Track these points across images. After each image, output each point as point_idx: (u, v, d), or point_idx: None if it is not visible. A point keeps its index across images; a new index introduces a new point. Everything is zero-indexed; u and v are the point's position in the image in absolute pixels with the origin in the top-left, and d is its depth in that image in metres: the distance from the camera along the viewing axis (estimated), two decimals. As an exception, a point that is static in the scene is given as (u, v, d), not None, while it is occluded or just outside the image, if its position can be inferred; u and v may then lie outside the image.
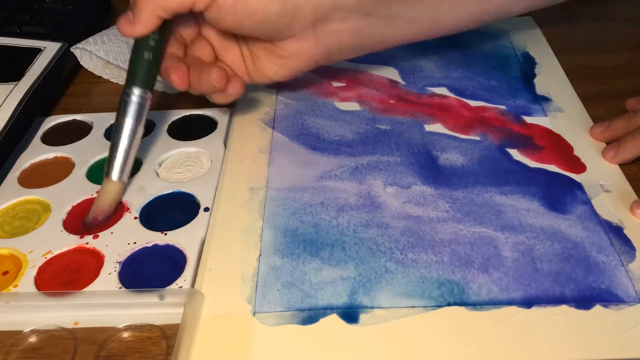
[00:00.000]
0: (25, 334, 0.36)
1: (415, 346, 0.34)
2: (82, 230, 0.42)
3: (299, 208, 0.43)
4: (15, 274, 0.39)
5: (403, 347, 0.34)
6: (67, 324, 0.36)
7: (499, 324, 0.35)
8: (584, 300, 0.36)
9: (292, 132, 0.51)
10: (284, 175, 0.46)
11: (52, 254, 0.40)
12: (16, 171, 0.48)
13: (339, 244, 0.40)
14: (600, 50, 0.58)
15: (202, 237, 0.41)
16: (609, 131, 0.49)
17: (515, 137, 0.49)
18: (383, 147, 0.48)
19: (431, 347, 0.34)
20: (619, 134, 0.48)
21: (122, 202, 0.44)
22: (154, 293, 0.36)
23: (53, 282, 0.38)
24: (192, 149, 0.49)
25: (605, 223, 0.41)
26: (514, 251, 0.39)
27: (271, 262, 0.39)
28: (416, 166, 0.47)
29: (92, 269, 0.39)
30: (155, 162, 0.48)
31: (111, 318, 0.36)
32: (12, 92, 0.52)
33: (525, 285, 0.37)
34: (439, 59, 0.60)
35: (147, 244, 0.41)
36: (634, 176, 0.45)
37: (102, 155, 0.49)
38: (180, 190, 0.45)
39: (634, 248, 0.39)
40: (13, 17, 0.63)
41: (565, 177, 0.45)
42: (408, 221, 0.42)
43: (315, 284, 0.38)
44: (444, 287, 0.37)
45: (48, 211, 0.44)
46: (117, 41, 0.61)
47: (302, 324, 0.36)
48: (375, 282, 0.38)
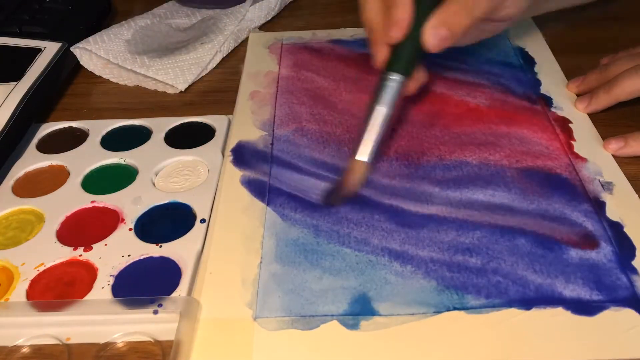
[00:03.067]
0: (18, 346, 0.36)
1: (416, 351, 0.34)
2: (324, 202, 0.44)
3: (300, 219, 0.43)
4: (7, 287, 0.38)
5: (404, 352, 0.34)
6: (60, 337, 0.36)
7: (499, 326, 0.35)
8: (583, 301, 0.36)
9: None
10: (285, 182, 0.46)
11: (44, 267, 0.40)
12: (10, 180, 0.47)
13: (340, 254, 0.40)
14: (600, 50, 0.57)
15: (198, 250, 0.40)
16: (584, 85, 0.53)
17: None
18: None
19: (431, 352, 0.34)
20: (593, 86, 0.52)
21: (117, 213, 0.43)
22: (149, 306, 0.36)
23: (45, 296, 0.38)
24: (189, 158, 0.48)
25: (605, 221, 0.41)
26: (512, 253, 0.39)
27: (272, 268, 0.39)
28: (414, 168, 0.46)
29: (86, 282, 0.39)
30: (152, 171, 0.47)
31: (106, 329, 0.36)
32: (12, 92, 0.52)
33: (525, 287, 0.37)
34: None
35: (142, 257, 0.40)
36: (634, 176, 0.45)
37: (97, 164, 0.48)
38: (177, 200, 0.44)
39: (634, 247, 0.39)
40: (13, 17, 0.62)
41: (565, 177, 0.45)
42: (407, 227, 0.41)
43: (316, 291, 0.38)
44: (443, 293, 0.37)
45: (42, 221, 0.43)
46: (117, 40, 0.61)
47: (302, 329, 0.36)
48: (375, 291, 0.37)
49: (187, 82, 0.58)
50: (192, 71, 0.59)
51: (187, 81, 0.58)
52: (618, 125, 0.50)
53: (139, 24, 0.64)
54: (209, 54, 0.61)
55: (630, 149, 0.47)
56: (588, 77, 0.53)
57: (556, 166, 0.46)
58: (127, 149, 0.50)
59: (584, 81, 0.53)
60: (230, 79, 0.60)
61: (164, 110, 0.55)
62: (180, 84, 0.58)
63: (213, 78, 0.61)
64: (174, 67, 0.58)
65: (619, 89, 0.49)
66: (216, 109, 0.55)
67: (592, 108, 0.51)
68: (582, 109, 0.51)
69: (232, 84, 0.58)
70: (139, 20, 0.65)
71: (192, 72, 0.59)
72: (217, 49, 0.61)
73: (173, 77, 0.58)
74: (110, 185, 0.46)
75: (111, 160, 0.49)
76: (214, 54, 0.61)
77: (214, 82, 0.60)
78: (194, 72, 0.59)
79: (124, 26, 0.63)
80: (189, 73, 0.59)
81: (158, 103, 0.57)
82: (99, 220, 0.43)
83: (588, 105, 0.51)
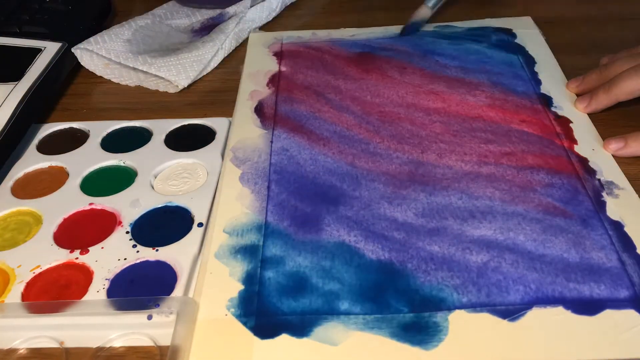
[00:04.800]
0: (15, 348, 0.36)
1: (416, 351, 0.34)
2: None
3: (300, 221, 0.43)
4: (2, 290, 0.38)
5: (404, 352, 0.34)
6: (58, 338, 0.36)
7: (499, 326, 0.35)
8: (583, 301, 0.36)
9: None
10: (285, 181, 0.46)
11: (40, 269, 0.40)
12: (10, 181, 0.47)
13: (342, 254, 0.40)
14: (600, 50, 0.57)
15: (195, 254, 0.40)
16: (583, 84, 0.53)
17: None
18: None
19: (431, 351, 0.34)
20: (593, 86, 0.52)
21: (114, 216, 0.43)
22: (146, 307, 0.36)
23: (40, 299, 0.38)
24: (189, 160, 0.48)
25: (606, 221, 0.41)
26: (512, 252, 0.39)
27: (272, 269, 0.39)
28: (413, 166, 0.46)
29: (81, 285, 0.39)
30: (151, 173, 0.47)
31: (102, 331, 0.36)
32: (12, 92, 0.52)
33: (525, 286, 0.37)
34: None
35: (138, 261, 0.40)
36: (635, 176, 0.45)
37: (97, 166, 0.48)
38: (175, 203, 0.44)
39: (634, 246, 0.39)
40: (13, 17, 0.62)
41: (565, 176, 0.45)
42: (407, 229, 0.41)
43: (316, 294, 0.37)
44: (443, 292, 0.37)
45: (39, 223, 0.43)
46: (117, 40, 0.61)
47: (302, 330, 0.35)
48: (376, 291, 0.37)
49: (189, 79, 0.58)
50: (194, 68, 0.59)
51: (190, 78, 0.58)
52: (618, 126, 0.49)
53: (139, 24, 0.64)
54: (211, 51, 0.61)
55: (630, 149, 0.46)
56: (588, 77, 0.53)
57: (556, 165, 0.46)
58: (128, 150, 0.50)
59: (584, 81, 0.53)
60: (230, 79, 0.60)
61: (164, 110, 0.55)
62: (182, 81, 0.58)
63: (213, 78, 0.61)
64: (175, 65, 0.58)
65: (619, 89, 0.49)
66: (216, 109, 0.55)
67: (592, 108, 0.51)
68: (582, 109, 0.51)
69: (232, 84, 0.58)
70: (139, 20, 0.65)
71: (195, 69, 0.59)
72: (218, 47, 0.61)
73: (175, 74, 0.58)
74: (109, 187, 0.46)
75: (110, 162, 0.49)
76: (216, 52, 0.61)
77: (214, 82, 0.60)
78: (196, 69, 0.59)
79: (124, 26, 0.63)
80: (191, 70, 0.58)
81: (158, 103, 0.57)
82: (97, 222, 0.43)
83: (588, 105, 0.51)
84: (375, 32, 0.65)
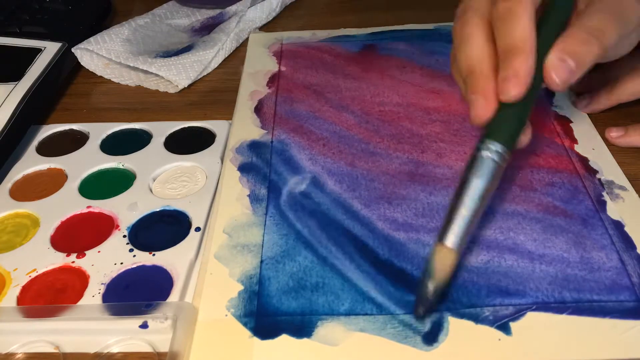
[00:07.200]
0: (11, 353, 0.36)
1: (416, 351, 0.34)
2: (415, 313, 0.36)
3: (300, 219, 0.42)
4: (-2, 293, 0.39)
5: (404, 353, 0.34)
6: (55, 342, 0.36)
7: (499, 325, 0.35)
8: (583, 301, 0.36)
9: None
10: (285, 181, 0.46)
11: (36, 272, 0.39)
12: (8, 182, 0.47)
13: (342, 255, 0.40)
14: None
15: (192, 259, 0.40)
16: (584, 84, 0.51)
17: None
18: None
19: (431, 352, 0.34)
20: (593, 86, 0.50)
21: (112, 219, 0.43)
22: (139, 315, 0.36)
23: (35, 303, 0.38)
24: (188, 164, 0.48)
25: (606, 221, 0.41)
26: (513, 252, 0.39)
27: (272, 270, 0.39)
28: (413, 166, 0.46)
29: (77, 290, 0.38)
30: (150, 176, 0.47)
31: (99, 336, 0.36)
32: (12, 92, 0.52)
33: (525, 286, 0.37)
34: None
35: (134, 265, 0.40)
36: (635, 176, 0.45)
37: (95, 168, 0.48)
38: (173, 207, 0.44)
39: (634, 246, 0.39)
40: (13, 17, 0.62)
41: (565, 176, 0.45)
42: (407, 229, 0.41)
43: (316, 294, 0.37)
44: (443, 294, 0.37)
45: (37, 226, 0.43)
46: (117, 40, 0.61)
47: (302, 331, 0.35)
48: (376, 291, 0.37)
49: (189, 79, 0.58)
50: (194, 68, 0.59)
51: (190, 78, 0.58)
52: (618, 125, 0.49)
53: (139, 24, 0.64)
54: (211, 51, 0.60)
55: (629, 138, 0.47)
56: (589, 76, 0.52)
57: (556, 165, 0.45)
58: (127, 152, 0.50)
59: (584, 80, 0.52)
60: (230, 79, 0.60)
61: (164, 111, 0.55)
62: (182, 81, 0.58)
63: (213, 78, 0.61)
64: (176, 64, 0.58)
65: (621, 90, 0.48)
66: (216, 109, 0.55)
67: (592, 108, 0.50)
68: (582, 109, 0.51)
69: (232, 84, 0.58)
70: (139, 20, 0.65)
71: (195, 69, 0.59)
72: (219, 47, 0.61)
73: (176, 74, 0.58)
74: (107, 190, 0.46)
75: (109, 165, 0.49)
76: (216, 52, 0.61)
77: (214, 82, 0.60)
78: (197, 69, 0.59)
79: (125, 26, 0.63)
80: (191, 70, 0.58)
81: (159, 103, 0.57)
82: (94, 226, 0.43)
83: (588, 105, 0.51)
84: (376, 32, 0.65)
